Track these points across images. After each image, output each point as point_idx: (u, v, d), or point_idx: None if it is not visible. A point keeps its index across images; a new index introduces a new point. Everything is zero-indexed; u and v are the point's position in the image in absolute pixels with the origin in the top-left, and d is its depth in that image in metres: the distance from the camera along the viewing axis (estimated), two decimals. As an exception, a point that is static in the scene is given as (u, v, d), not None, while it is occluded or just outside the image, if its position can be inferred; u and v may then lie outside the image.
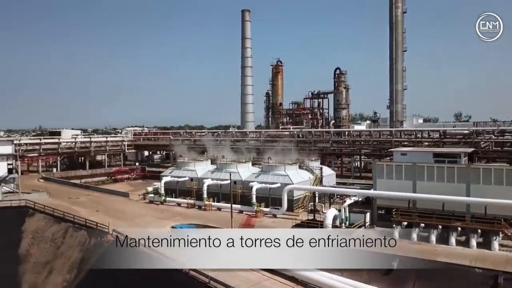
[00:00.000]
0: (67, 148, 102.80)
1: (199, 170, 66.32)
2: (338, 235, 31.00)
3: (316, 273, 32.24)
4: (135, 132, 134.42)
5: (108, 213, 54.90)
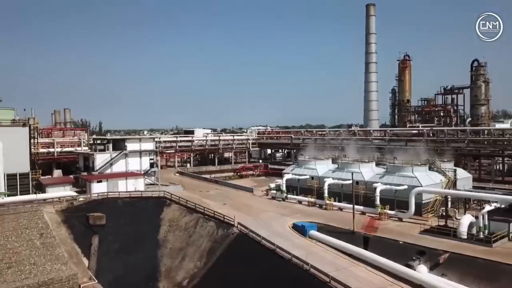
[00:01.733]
0: (199, 146, 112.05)
1: (320, 168, 65.95)
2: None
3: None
4: (259, 131, 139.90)
5: (234, 206, 58.05)
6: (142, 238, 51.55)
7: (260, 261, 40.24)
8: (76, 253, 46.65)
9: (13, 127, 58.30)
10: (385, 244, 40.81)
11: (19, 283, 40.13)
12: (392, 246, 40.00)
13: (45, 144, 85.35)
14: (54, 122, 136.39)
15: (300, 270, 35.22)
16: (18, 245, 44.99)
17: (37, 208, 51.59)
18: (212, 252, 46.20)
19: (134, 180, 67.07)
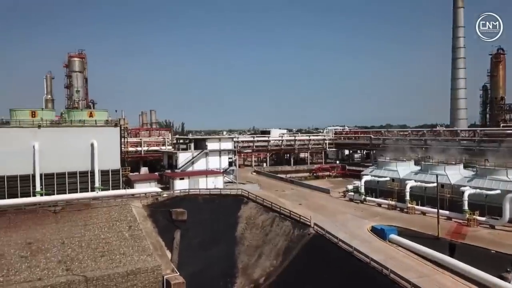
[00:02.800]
0: (275, 146, 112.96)
1: (401, 170, 62.96)
2: None
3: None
4: (336, 131, 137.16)
5: (310, 207, 57.63)
6: (220, 234, 53.25)
7: (336, 263, 39.50)
8: (160, 246, 49.52)
9: (106, 127, 63.44)
10: (475, 252, 37.83)
11: (111, 270, 43.62)
12: (482, 255, 36.96)
13: (134, 143, 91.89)
14: (141, 123, 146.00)
15: (379, 275, 33.94)
16: (110, 236, 48.91)
17: (126, 203, 55.67)
18: (288, 251, 46.30)
19: (213, 178, 69.54)
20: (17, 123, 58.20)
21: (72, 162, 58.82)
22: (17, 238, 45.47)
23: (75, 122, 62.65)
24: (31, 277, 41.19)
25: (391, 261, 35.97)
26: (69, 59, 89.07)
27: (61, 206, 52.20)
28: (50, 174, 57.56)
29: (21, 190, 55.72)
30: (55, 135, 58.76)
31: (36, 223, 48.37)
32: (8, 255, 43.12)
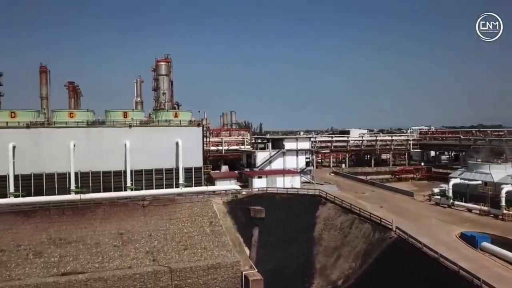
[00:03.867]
0: (355, 146, 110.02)
1: (496, 173, 57.70)
2: None
3: None
4: (421, 131, 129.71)
5: (391, 210, 55.21)
6: (297, 233, 53.13)
7: (420, 269, 37.37)
8: (239, 242, 50.74)
9: (190, 127, 66.57)
10: None
11: (193, 263, 45.65)
12: None
13: (215, 143, 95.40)
14: (222, 124, 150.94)
15: (469, 285, 31.47)
16: (192, 231, 51.20)
17: (208, 199, 57.88)
18: (367, 254, 44.83)
19: (291, 178, 69.63)
20: (111, 123, 63.39)
21: (159, 160, 62.65)
22: (111, 229, 49.50)
23: (162, 122, 66.61)
24: (122, 265, 44.59)
25: (483, 270, 33.18)
26: (157, 64, 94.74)
27: (149, 201, 55.82)
28: (139, 170, 61.87)
29: (114, 185, 60.60)
30: (144, 134, 63.05)
31: (127, 215, 52.26)
32: (103, 243, 47.13)
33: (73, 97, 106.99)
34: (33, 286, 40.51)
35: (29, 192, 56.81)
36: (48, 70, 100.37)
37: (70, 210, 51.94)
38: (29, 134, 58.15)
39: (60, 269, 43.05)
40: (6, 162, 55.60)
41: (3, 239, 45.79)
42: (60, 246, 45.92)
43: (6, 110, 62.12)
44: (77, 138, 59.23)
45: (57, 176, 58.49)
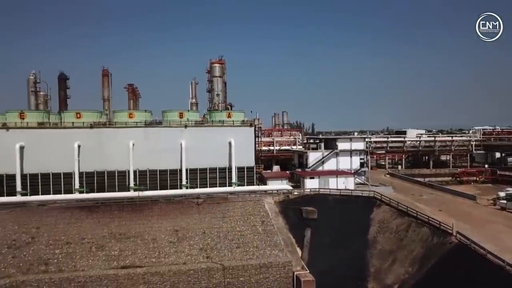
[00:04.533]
0: (412, 147, 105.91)
1: None
2: None
3: None
4: (485, 132, 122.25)
5: (451, 214, 52.49)
6: (351, 235, 51.99)
7: (483, 277, 35.21)
8: (291, 242, 50.55)
9: (242, 127, 67.36)
10: None
11: (245, 262, 46.10)
12: None
13: (266, 143, 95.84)
14: (274, 124, 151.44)
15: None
16: (245, 229, 51.70)
17: (260, 198, 58.22)
18: (425, 259, 42.95)
19: (344, 179, 68.34)
20: (168, 123, 65.65)
21: (213, 159, 64.00)
22: (167, 225, 51.22)
23: (216, 122, 67.98)
24: (178, 261, 45.99)
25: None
26: (211, 65, 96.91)
27: (203, 199, 57.13)
28: (194, 169, 63.56)
29: (170, 183, 62.69)
30: (199, 134, 64.68)
31: (182, 213, 53.81)
32: (160, 239, 48.87)
33: (132, 99, 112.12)
34: (95, 277, 42.86)
35: (92, 189, 60.22)
36: (109, 73, 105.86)
37: (129, 207, 54.40)
38: (93, 134, 61.61)
39: (120, 262, 45.20)
40: (72, 160, 59.26)
41: (69, 232, 48.87)
42: (120, 241, 48.20)
43: (72, 111, 66.32)
44: (136, 138, 61.91)
45: (117, 173, 61.51)
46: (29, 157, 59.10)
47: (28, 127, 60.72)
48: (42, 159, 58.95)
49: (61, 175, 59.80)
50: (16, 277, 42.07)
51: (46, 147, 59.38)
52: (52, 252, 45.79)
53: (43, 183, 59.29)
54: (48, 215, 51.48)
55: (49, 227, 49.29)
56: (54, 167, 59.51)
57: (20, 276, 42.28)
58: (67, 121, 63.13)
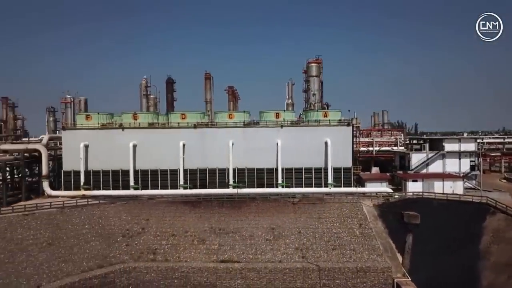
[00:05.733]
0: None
1: None
2: None
3: None
4: None
5: None
6: (458, 244, 47.69)
7: None
8: (391, 248, 48.15)
9: (339, 127, 65.86)
10: None
11: (341, 264, 45.09)
12: None
13: (365, 143, 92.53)
14: (373, 124, 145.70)
15: None
16: (341, 231, 50.60)
17: (357, 201, 56.48)
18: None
19: (451, 182, 63.09)
20: (265, 123, 66.96)
21: (308, 159, 63.67)
22: (263, 223, 52.27)
23: (311, 122, 67.51)
24: (273, 259, 46.65)
25: None
26: (307, 65, 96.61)
27: (299, 199, 57.17)
28: (289, 168, 63.89)
29: (266, 182, 63.84)
30: (294, 134, 64.85)
31: (278, 211, 54.48)
32: (256, 236, 50.06)
33: (232, 100, 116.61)
34: (197, 269, 45.43)
35: (195, 185, 63.90)
36: (211, 77, 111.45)
37: (228, 203, 56.67)
38: (196, 133, 65.40)
39: (219, 256, 47.29)
40: (177, 157, 63.56)
41: (174, 225, 52.51)
42: (220, 235, 50.44)
43: (178, 112, 71.11)
44: (235, 137, 64.24)
45: (218, 171, 64.41)
46: (140, 154, 64.82)
47: (140, 127, 66.63)
48: (151, 157, 64.29)
49: (167, 171, 64.49)
50: (128, 263, 46.41)
51: (155, 146, 64.64)
52: (159, 242, 49.62)
53: (152, 179, 64.53)
54: (156, 208, 55.95)
55: (157, 219, 53.52)
56: (162, 164, 64.41)
57: (132, 263, 46.54)
58: (174, 121, 67.91)
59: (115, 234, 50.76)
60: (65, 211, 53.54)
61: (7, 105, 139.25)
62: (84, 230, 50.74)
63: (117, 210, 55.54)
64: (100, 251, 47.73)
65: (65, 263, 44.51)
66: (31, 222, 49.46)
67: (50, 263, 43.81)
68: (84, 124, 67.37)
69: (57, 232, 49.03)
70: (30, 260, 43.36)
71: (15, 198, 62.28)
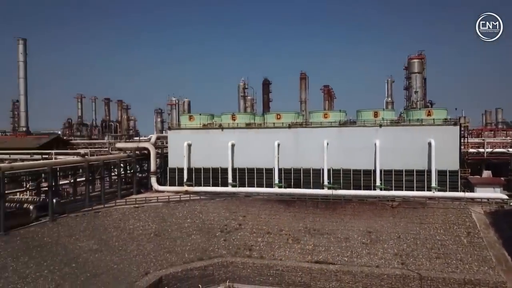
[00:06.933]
0: None
1: None
2: None
3: None
4: None
5: None
6: None
7: None
8: (506, 260, 43.30)
9: (444, 126, 60.98)
10: None
11: (446, 274, 41.78)
12: None
13: (475, 144, 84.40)
14: (484, 122, 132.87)
15: None
16: (446, 239, 46.94)
17: (465, 206, 51.99)
18: None
19: None
20: (362, 122, 64.83)
21: (409, 160, 60.07)
22: (360, 226, 50.67)
23: (413, 121, 63.62)
24: (370, 263, 44.91)
25: None
26: (409, 61, 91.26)
27: (398, 202, 54.38)
28: (388, 170, 60.92)
29: (363, 183, 61.70)
30: (394, 134, 61.66)
31: (376, 214, 52.39)
32: (352, 239, 48.70)
33: (327, 99, 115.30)
34: (291, 268, 45.63)
35: (289, 184, 64.29)
36: (307, 77, 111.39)
37: (323, 204, 56.05)
38: (290, 133, 65.78)
39: (313, 257, 46.93)
40: (272, 157, 64.58)
41: (269, 223, 53.44)
42: (314, 236, 50.07)
43: (273, 113, 72.26)
44: (330, 137, 63.22)
45: (312, 171, 64.01)
46: (238, 153, 67.19)
47: (238, 127, 69.09)
48: (248, 156, 66.26)
49: (263, 170, 65.88)
50: (226, 258, 48.34)
51: (252, 145, 66.48)
52: (255, 239, 50.89)
53: (249, 177, 66.48)
54: (252, 206, 57.53)
55: (253, 217, 54.99)
56: (258, 163, 65.99)
57: (229, 257, 48.38)
58: (269, 121, 69.18)
59: (214, 229, 53.29)
60: (170, 205, 57.72)
61: (121, 107, 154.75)
62: (186, 223, 54.12)
63: (216, 206, 58.26)
64: (200, 244, 50.47)
65: (169, 253, 47.90)
66: (141, 214, 54.20)
67: (156, 252, 47.51)
68: (188, 125, 71.98)
69: (163, 225, 53.01)
70: (139, 249, 47.49)
71: (127, 192, 68.63)
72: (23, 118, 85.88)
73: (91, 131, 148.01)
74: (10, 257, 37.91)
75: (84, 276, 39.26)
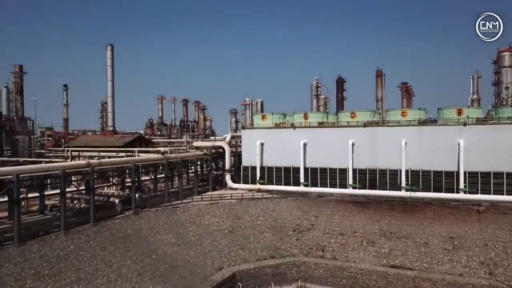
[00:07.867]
0: None
1: None
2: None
3: None
4: None
5: None
6: None
7: None
8: None
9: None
10: None
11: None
12: None
13: None
14: None
15: None
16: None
17: None
18: None
19: None
20: (443, 121, 60.79)
21: (498, 161, 55.06)
22: (441, 231, 47.67)
23: (503, 119, 58.31)
24: (452, 271, 42.12)
25: None
26: (498, 55, 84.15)
27: (485, 207, 50.39)
28: (474, 172, 56.40)
29: (445, 186, 57.83)
30: (481, 133, 56.99)
31: (459, 219, 48.98)
32: (432, 244, 45.98)
33: (405, 97, 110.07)
34: (365, 271, 44.24)
35: (364, 185, 62.17)
36: (383, 74, 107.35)
37: (400, 206, 53.59)
38: (365, 132, 63.53)
39: (389, 261, 45.08)
40: (346, 156, 63.00)
41: (343, 224, 52.27)
42: (390, 239, 48.05)
43: (348, 111, 70.42)
44: (408, 136, 60.10)
45: (388, 172, 61.34)
46: (310, 153, 66.48)
47: (310, 126, 68.36)
48: (321, 155, 65.24)
49: (336, 170, 64.43)
50: (298, 257, 48.17)
51: (325, 145, 65.33)
52: (328, 240, 50.10)
53: (321, 177, 65.45)
54: (325, 206, 56.70)
55: (325, 217, 54.17)
56: (331, 163, 64.69)
57: (302, 257, 48.14)
58: (343, 120, 67.48)
59: (286, 228, 53.34)
60: (243, 202, 58.82)
61: (199, 108, 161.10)
62: (259, 221, 54.79)
63: (289, 205, 58.25)
64: (272, 242, 50.82)
65: (242, 250, 48.86)
66: (216, 211, 55.88)
67: (230, 248, 48.71)
68: (260, 124, 72.77)
69: (236, 221, 54.19)
70: (214, 244, 49.02)
71: (203, 189, 71.15)
72: (110, 118, 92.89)
73: (170, 130, 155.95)
74: (99, 246, 41.12)
75: (163, 268, 41.44)
